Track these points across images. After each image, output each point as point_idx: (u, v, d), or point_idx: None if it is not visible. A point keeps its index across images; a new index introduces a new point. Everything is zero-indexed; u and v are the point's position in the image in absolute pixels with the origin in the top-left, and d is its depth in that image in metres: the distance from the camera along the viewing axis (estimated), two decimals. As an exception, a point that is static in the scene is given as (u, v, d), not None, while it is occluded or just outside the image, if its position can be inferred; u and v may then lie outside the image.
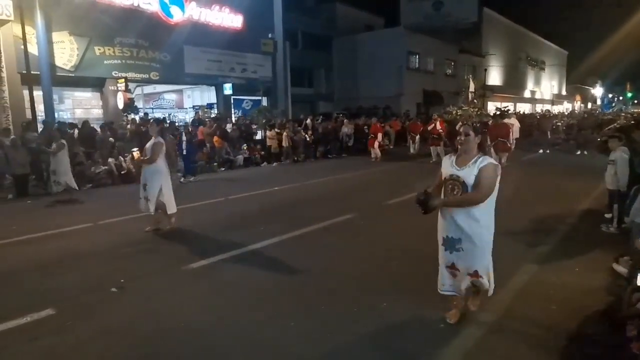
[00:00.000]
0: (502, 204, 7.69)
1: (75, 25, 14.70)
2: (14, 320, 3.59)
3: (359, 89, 29.59)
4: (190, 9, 18.12)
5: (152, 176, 6.20)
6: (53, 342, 3.28)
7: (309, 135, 16.46)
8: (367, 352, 3.04)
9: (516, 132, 16.43)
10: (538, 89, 51.97)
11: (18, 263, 5.08)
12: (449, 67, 34.14)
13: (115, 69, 15.99)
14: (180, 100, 22.21)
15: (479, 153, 3.12)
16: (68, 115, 15.73)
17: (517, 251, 5.14)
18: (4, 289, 4.35)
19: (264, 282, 4.40)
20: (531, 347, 3.03)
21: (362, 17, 33.65)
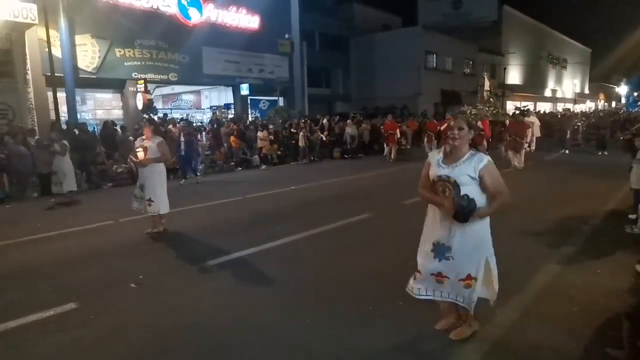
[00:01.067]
0: (521, 204, 7.62)
1: (97, 28, 15.00)
2: (39, 313, 3.71)
3: (376, 89, 29.44)
4: (208, 10, 18.31)
5: (152, 176, 5.99)
6: (76, 335, 3.37)
7: (325, 135, 16.49)
8: (381, 353, 3.03)
9: (537, 131, 16.30)
10: (559, 87, 50.87)
11: (43, 259, 5.23)
12: (468, 67, 33.67)
13: (135, 71, 16.27)
14: (198, 100, 22.45)
15: (470, 150, 2.85)
16: (89, 116, 16.10)
17: (539, 252, 5.06)
18: (30, 283, 4.47)
19: (280, 280, 4.42)
20: (552, 350, 2.98)
21: (380, 17, 33.46)
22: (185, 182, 11.00)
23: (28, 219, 7.60)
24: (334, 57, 28.87)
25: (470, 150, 2.85)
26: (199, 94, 22.28)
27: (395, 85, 28.30)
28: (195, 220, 7.11)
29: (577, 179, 10.28)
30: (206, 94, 22.09)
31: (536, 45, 43.04)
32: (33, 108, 13.23)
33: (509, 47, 37.73)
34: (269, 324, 3.48)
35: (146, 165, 5.94)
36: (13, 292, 4.23)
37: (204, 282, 4.43)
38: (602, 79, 62.29)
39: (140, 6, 16.10)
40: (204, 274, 4.67)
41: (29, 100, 13.20)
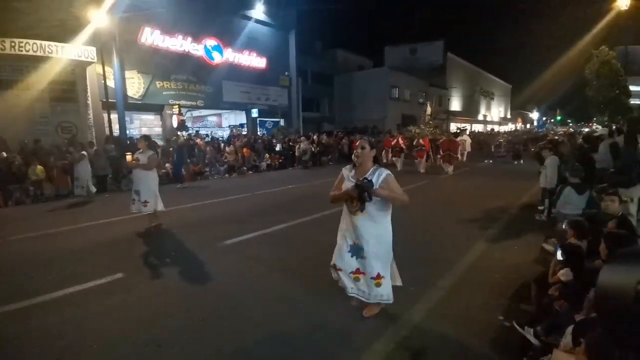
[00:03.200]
0: (457, 199, 7.68)
1: (142, 66, 14.81)
2: (95, 281, 3.66)
3: (353, 113, 29.50)
4: (227, 53, 18.20)
5: (147, 182, 5.50)
6: (123, 297, 3.33)
7: (314, 147, 16.46)
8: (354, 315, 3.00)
9: (468, 147, 16.31)
10: (489, 113, 51.57)
11: (99, 239, 5.15)
12: (421, 97, 34.00)
13: (171, 98, 16.08)
14: (219, 121, 22.25)
15: (374, 165, 2.63)
16: (136, 132, 15.85)
17: (470, 234, 5.11)
18: (88, 257, 4.41)
19: (281, 254, 4.40)
20: (479, 307, 3.01)
21: (356, 60, 33.64)
22: (181, 187, 10.22)
23: (88, 209, 7.46)
24: (321, 89, 28.85)
25: (374, 166, 2.63)
26: (220, 116, 22.10)
27: (367, 110, 28.44)
28: (214, 211, 7.05)
29: (499, 181, 10.31)
30: (225, 116, 21.91)
31: (472, 82, 43.57)
32: (92, 126, 13.00)
33: (452, 82, 38.18)
34: (270, 287, 3.46)
35: (135, 168, 5.51)
36: (74, 265, 4.15)
37: (222, 257, 4.39)
38: (520, 107, 63.48)
39: (175, 49, 15.95)
40: (222, 250, 4.63)
41: (89, 119, 12.96)
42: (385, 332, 2.63)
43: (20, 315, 3.00)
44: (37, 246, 4.94)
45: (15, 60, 10.86)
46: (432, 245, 4.66)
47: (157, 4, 14.88)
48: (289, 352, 2.46)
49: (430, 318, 2.83)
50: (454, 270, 3.76)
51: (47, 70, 11.49)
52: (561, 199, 4.28)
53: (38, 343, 2.60)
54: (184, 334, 2.67)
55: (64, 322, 2.87)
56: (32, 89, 11.36)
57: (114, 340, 2.62)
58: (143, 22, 14.40)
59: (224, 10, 17.74)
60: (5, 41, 10.37)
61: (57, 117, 12.12)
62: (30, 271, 3.98)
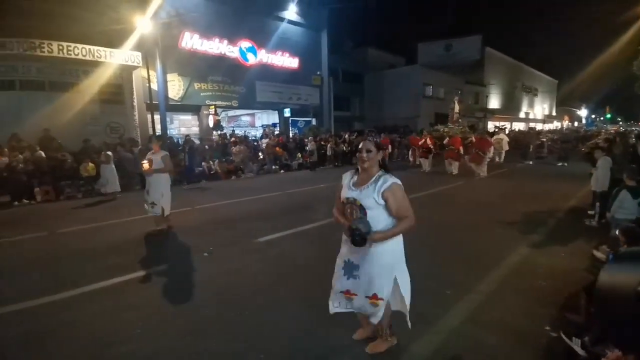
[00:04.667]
0: (496, 201, 7.33)
1: (182, 69, 15.44)
2: (141, 271, 3.90)
3: (384, 111, 29.07)
4: (261, 54, 18.57)
5: (157, 184, 5.35)
6: (166, 287, 3.51)
7: (346, 146, 16.42)
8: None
9: (505, 146, 15.06)
10: (532, 110, 48.74)
11: (142, 234, 5.42)
12: (457, 94, 32.75)
13: (208, 99, 16.64)
14: (253, 120, 22.76)
15: (379, 171, 2.20)
16: (175, 132, 16.62)
17: (512, 237, 4.86)
18: (135, 250, 4.66)
19: (309, 253, 4.44)
20: (523, 314, 2.86)
21: (387, 58, 33.04)
22: (187, 188, 10.26)
23: (131, 205, 7.92)
24: (352, 88, 28.67)
25: (380, 171, 2.19)
26: (254, 115, 22.59)
27: (399, 109, 27.90)
28: (247, 208, 7.23)
29: (542, 183, 9.67)
30: (258, 115, 22.37)
31: (512, 77, 41.41)
32: (137, 126, 13.77)
33: (491, 78, 36.47)
34: (305, 283, 3.49)
35: (151, 175, 5.33)
36: (118, 257, 4.42)
37: (255, 253, 4.50)
38: (567, 104, 59.42)
39: (212, 52, 16.53)
40: (255, 246, 4.74)
41: (134, 120, 13.76)
42: (422, 335, 2.57)
43: (74, 303, 3.26)
44: (84, 238, 5.33)
45: (64, 63, 11.65)
46: (470, 247, 4.49)
47: (195, 9, 15.50)
48: (325, 352, 2.47)
49: (469, 323, 2.74)
50: (495, 275, 3.60)
51: (97, 73, 12.35)
52: (616, 202, 3.98)
53: (87, 329, 2.80)
54: (219, 325, 2.78)
55: (113, 309, 3.08)
56: (83, 91, 12.26)
57: (156, 328, 2.77)
58: (183, 27, 15.05)
59: (257, 12, 18.12)
60: (52, 44, 11.08)
61: (106, 118, 12.98)
62: (77, 262, 4.30)
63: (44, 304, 3.20)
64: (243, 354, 2.42)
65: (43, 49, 10.92)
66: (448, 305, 2.98)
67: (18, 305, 3.16)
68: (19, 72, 11.09)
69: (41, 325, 2.84)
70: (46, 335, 2.70)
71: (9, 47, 10.42)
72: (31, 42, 10.67)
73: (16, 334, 2.72)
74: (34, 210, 7.72)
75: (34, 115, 10.86)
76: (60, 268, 4.11)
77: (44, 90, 11.58)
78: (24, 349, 2.55)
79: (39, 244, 5.11)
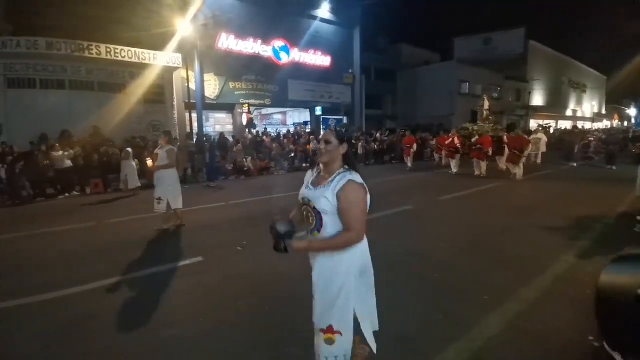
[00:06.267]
0: (537, 205, 6.90)
1: (218, 69, 16.01)
2: (178, 262, 4.07)
3: (418, 110, 28.36)
4: (294, 53, 18.80)
5: (162, 180, 5.26)
6: (201, 279, 3.65)
7: (377, 145, 16.22)
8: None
9: (543, 146, 13.74)
10: (579, 108, 45.40)
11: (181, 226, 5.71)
12: (496, 91, 31.25)
13: (242, 97, 17.13)
14: (285, 119, 23.11)
15: (342, 167, 1.74)
16: (211, 129, 17.26)
17: (557, 244, 4.55)
18: (174, 242, 4.90)
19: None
20: (568, 325, 2.68)
21: (422, 54, 32.18)
22: (211, 185, 10.19)
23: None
24: (385, 86, 28.23)
25: (342, 167, 1.74)
26: (285, 114, 22.93)
27: (433, 107, 27.07)
28: (279, 205, 7.33)
29: (588, 187, 8.92)
30: (290, 113, 22.68)
31: (558, 73, 38.80)
32: (176, 124, 14.48)
33: (534, 74, 34.36)
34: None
35: (155, 172, 5.27)
36: (160, 247, 4.65)
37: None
38: (617, 102, 54.72)
39: (247, 52, 16.97)
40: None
41: (174, 118, 14.47)
42: (456, 341, 2.48)
43: (124, 287, 3.49)
44: (129, 229, 5.66)
45: (111, 65, 12.44)
46: (511, 252, 4.26)
47: (231, 11, 15.96)
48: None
49: (508, 331, 2.61)
50: (537, 281, 3.39)
51: (141, 75, 13.11)
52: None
53: (135, 312, 3.00)
54: (255, 318, 2.85)
55: (157, 295, 3.26)
56: (129, 92, 13.05)
57: (197, 316, 2.89)
58: (219, 29, 15.55)
59: (290, 12, 18.35)
60: (100, 46, 11.88)
61: (149, 117, 13.74)
62: (123, 251, 4.57)
63: (97, 288, 3.45)
64: (275, 344, 2.48)
65: (91, 51, 11.73)
66: (486, 311, 2.85)
67: (75, 289, 3.43)
68: (68, 73, 11.97)
69: (96, 308, 3.07)
70: (98, 316, 2.92)
71: (56, 47, 11.20)
72: (79, 44, 11.48)
73: (78, 313, 2.96)
74: (84, 201, 8.34)
75: (84, 113, 11.72)
76: (109, 255, 4.42)
77: (93, 90, 12.46)
78: (83, 327, 2.77)
79: (89, 233, 5.51)
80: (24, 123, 10.86)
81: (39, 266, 4.13)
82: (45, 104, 11.47)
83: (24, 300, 3.23)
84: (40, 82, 11.57)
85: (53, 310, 3.06)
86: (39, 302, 3.20)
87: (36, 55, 11.05)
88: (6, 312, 3.04)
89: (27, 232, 5.61)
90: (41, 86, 11.59)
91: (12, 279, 3.79)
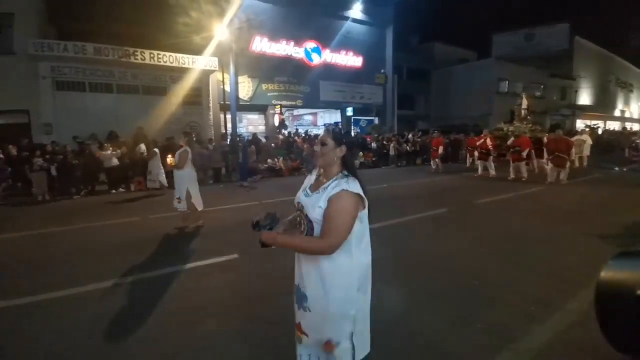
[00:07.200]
0: (584, 210, 6.46)
1: (251, 71, 16.43)
2: (214, 258, 4.22)
3: (451, 109, 27.43)
4: (325, 54, 18.88)
5: (179, 180, 5.45)
6: (236, 275, 3.77)
7: (409, 147, 15.91)
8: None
9: (587, 149, 12.71)
10: (627, 108, 41.93)
11: (215, 224, 5.87)
12: (538, 90, 29.52)
13: (274, 99, 17.45)
14: (315, 119, 23.22)
15: (340, 172, 1.57)
16: (244, 130, 17.74)
17: (607, 252, 4.20)
18: (210, 239, 5.07)
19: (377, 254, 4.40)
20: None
21: (457, 52, 31.10)
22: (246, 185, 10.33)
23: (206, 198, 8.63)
24: (417, 86, 27.62)
25: (340, 172, 1.57)
26: (316, 114, 23.05)
27: (468, 107, 26.04)
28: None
29: (639, 192, 8.22)
30: (321, 114, 22.77)
31: (604, 70, 35.99)
32: (212, 125, 15.04)
33: (579, 71, 32.14)
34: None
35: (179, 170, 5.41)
36: (198, 243, 4.85)
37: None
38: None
39: (279, 54, 17.27)
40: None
41: (209, 120, 15.04)
42: (499, 352, 2.38)
43: (163, 280, 3.68)
44: (169, 224, 5.94)
45: (154, 69, 13.20)
46: (556, 260, 4.03)
47: (264, 14, 16.31)
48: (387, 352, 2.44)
49: (557, 344, 2.47)
50: (587, 292, 3.17)
51: (181, 78, 13.76)
52: None
53: (173, 304, 3.15)
54: (289, 315, 2.90)
55: (193, 290, 3.42)
56: (170, 95, 13.74)
57: (231, 311, 3.00)
58: (253, 32, 15.95)
59: (322, 13, 18.44)
60: (144, 52, 12.63)
61: (187, 118, 14.38)
62: (161, 246, 4.83)
63: (138, 280, 3.68)
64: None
65: (136, 57, 12.47)
66: (531, 322, 2.72)
67: (119, 280, 3.68)
68: (115, 77, 12.81)
69: (136, 299, 3.27)
70: (137, 307, 3.11)
71: (104, 53, 12.01)
72: (125, 50, 12.25)
73: (121, 304, 3.18)
74: (129, 197, 8.88)
75: (129, 115, 12.47)
76: (149, 249, 4.68)
77: (138, 93, 13.25)
78: (124, 317, 2.97)
79: (133, 227, 5.87)
80: (72, 123, 11.71)
81: (89, 257, 4.45)
82: (94, 106, 12.34)
83: (76, 290, 3.49)
84: (89, 85, 12.46)
85: (94, 300, 3.29)
86: (86, 292, 3.44)
87: (84, 59, 11.90)
88: (61, 300, 3.31)
89: (81, 224, 6.08)
90: (90, 89, 12.48)
91: (67, 268, 4.11)
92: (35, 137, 11.42)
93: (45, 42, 11.29)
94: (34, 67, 11.45)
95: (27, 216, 7.00)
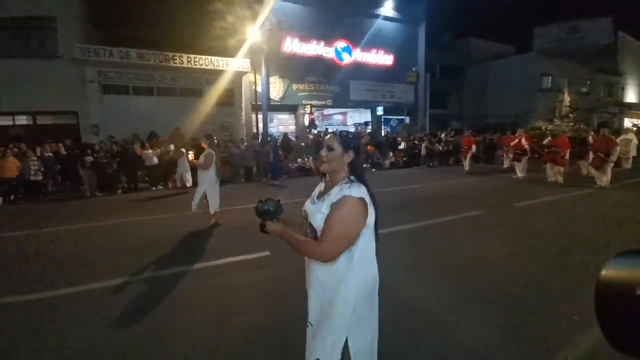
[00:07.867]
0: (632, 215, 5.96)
1: (282, 71, 16.67)
2: (247, 255, 4.34)
3: (487, 108, 26.26)
4: (356, 53, 18.77)
5: (201, 180, 5.58)
6: (268, 272, 3.87)
7: (442, 146, 15.46)
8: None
9: (634, 150, 11.61)
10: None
11: (246, 222, 5.98)
12: (584, 86, 27.53)
13: (304, 99, 17.61)
14: (345, 119, 23.13)
15: (347, 177, 1.46)
16: (275, 130, 18.05)
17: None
18: (243, 236, 5.19)
19: (402, 253, 4.33)
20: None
21: (493, 48, 29.67)
22: (276, 183, 10.47)
23: (238, 195, 8.88)
24: (450, 83, 26.71)
25: (346, 178, 1.47)
26: (346, 114, 22.96)
27: (506, 105, 24.75)
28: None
29: None
30: (351, 114, 22.66)
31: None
32: (244, 125, 15.45)
33: (625, 67, 29.64)
34: (397, 279, 3.44)
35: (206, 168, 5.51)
36: (230, 240, 5.00)
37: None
38: None
39: (309, 54, 17.41)
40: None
41: (242, 120, 15.46)
42: (543, 358, 2.28)
43: (200, 275, 3.86)
44: (204, 221, 6.19)
45: (191, 72, 13.79)
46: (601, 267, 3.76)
47: (295, 14, 16.50)
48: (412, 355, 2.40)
49: (603, 354, 2.32)
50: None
51: (216, 80, 14.26)
52: None
53: (207, 298, 3.28)
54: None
55: (227, 286, 3.55)
56: (205, 96, 14.28)
57: (264, 308, 3.07)
58: (284, 33, 16.20)
59: (353, 12, 18.34)
60: (182, 56, 13.24)
61: (220, 118, 14.88)
62: (198, 242, 5.03)
63: (176, 273, 3.87)
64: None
65: (175, 60, 13.09)
66: (575, 331, 2.56)
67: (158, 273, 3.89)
68: (156, 80, 13.52)
69: (175, 291, 3.44)
70: (177, 299, 3.27)
71: (146, 58, 12.74)
72: (165, 55, 12.90)
73: (157, 296, 3.36)
74: (166, 194, 9.33)
75: (168, 116, 13.11)
76: (187, 245, 4.90)
77: (176, 95, 13.90)
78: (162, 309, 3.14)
79: (171, 223, 6.17)
80: (116, 125, 12.50)
81: (132, 250, 4.74)
82: (136, 108, 13.10)
83: (119, 280, 3.73)
84: (132, 88, 13.23)
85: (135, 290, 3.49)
86: (125, 283, 3.67)
87: (128, 64, 12.66)
88: (103, 290, 3.55)
89: (125, 218, 6.49)
90: (133, 92, 13.25)
91: (113, 260, 4.41)
92: (83, 137, 12.31)
93: (91, 48, 12.12)
94: (80, 70, 12.31)
95: (69, 211, 7.53)
